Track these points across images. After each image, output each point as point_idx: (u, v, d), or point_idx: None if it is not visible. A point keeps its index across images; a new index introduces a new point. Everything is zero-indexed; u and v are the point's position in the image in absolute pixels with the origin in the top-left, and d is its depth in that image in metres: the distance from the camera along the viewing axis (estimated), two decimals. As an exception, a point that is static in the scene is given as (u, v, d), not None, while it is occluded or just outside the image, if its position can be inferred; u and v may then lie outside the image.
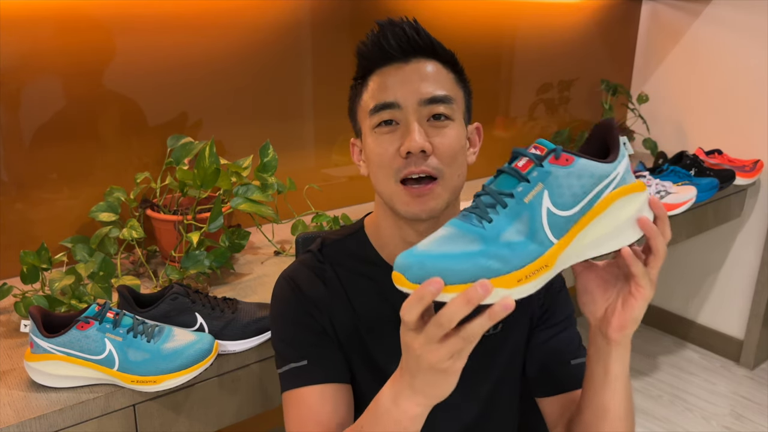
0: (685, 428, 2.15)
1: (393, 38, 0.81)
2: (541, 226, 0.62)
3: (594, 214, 0.64)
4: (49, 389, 0.95)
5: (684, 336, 2.69)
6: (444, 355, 0.59)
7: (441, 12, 1.96)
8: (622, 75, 2.68)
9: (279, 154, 1.47)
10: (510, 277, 0.59)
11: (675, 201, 1.88)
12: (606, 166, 0.64)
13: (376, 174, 0.84)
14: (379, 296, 0.89)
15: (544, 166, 0.63)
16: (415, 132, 0.78)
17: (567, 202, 0.62)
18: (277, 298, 0.92)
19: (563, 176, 0.62)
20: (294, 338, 0.89)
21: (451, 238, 0.62)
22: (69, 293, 1.13)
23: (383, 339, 0.89)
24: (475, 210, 0.64)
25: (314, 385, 0.86)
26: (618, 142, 0.67)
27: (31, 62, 1.30)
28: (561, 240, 0.62)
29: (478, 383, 0.91)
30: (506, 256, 0.60)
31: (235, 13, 1.55)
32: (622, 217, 0.65)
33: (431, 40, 0.83)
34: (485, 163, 2.28)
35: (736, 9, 2.33)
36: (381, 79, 0.83)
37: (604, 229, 0.65)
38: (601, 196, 0.64)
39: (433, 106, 0.81)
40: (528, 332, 0.93)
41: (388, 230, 0.88)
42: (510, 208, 0.62)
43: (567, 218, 0.62)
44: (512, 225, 0.62)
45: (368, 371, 0.91)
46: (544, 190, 0.62)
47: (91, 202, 1.39)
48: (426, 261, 0.59)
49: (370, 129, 0.83)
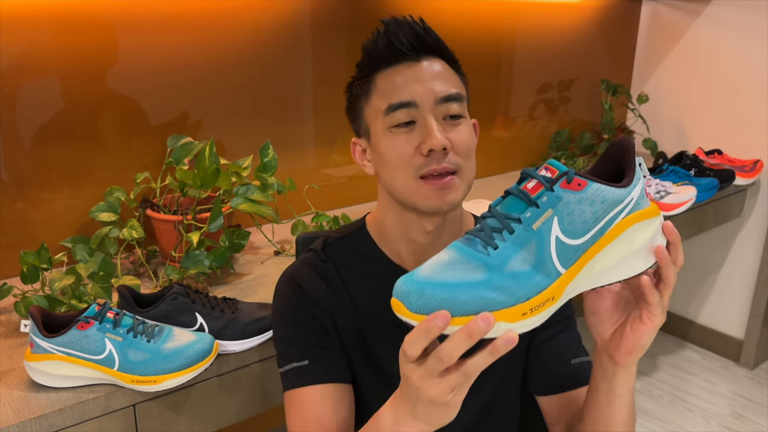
0: (685, 428, 2.15)
1: (404, 36, 0.81)
2: (549, 256, 0.58)
3: (605, 241, 0.60)
4: (49, 389, 0.95)
5: (684, 336, 2.69)
6: (444, 389, 0.59)
7: (441, 12, 1.96)
8: (622, 75, 2.68)
9: (279, 154, 1.47)
10: (514, 310, 0.57)
11: (675, 201, 1.88)
12: (620, 191, 0.60)
13: (393, 173, 0.82)
14: (381, 294, 0.89)
15: (554, 191, 0.59)
16: (435, 130, 0.79)
17: (577, 230, 0.59)
18: (279, 297, 0.92)
19: (574, 202, 0.59)
20: (295, 338, 0.89)
21: (453, 264, 0.59)
22: (69, 293, 1.13)
23: (385, 337, 0.89)
24: (480, 234, 0.61)
25: (315, 385, 0.86)
26: (634, 165, 0.63)
27: (31, 62, 1.30)
28: (569, 270, 0.59)
29: (479, 384, 0.91)
30: (510, 288, 0.57)
31: (235, 13, 1.55)
32: (635, 245, 0.62)
33: (438, 40, 0.83)
34: (485, 163, 2.29)
35: (736, 9, 2.33)
36: (392, 78, 0.82)
37: (615, 257, 0.61)
38: (614, 223, 0.60)
39: (448, 105, 0.81)
40: (529, 333, 0.93)
41: (392, 227, 0.88)
42: (517, 234, 0.59)
43: (576, 247, 0.59)
44: (518, 253, 0.58)
45: (370, 370, 0.91)
46: (554, 216, 0.59)
47: (91, 202, 1.39)
48: (426, 289, 0.57)
49: (384, 129, 0.82)
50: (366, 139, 0.87)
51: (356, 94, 0.87)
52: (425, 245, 0.87)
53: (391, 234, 0.89)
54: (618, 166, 0.65)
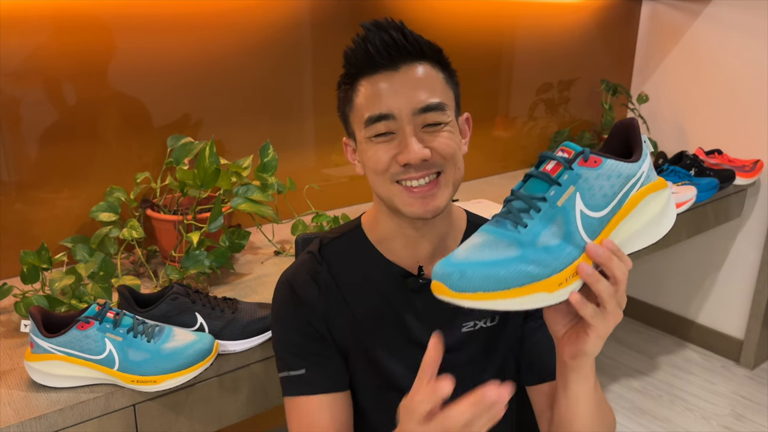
0: (685, 428, 2.15)
1: (380, 45, 0.79)
2: (576, 229, 0.62)
3: (624, 213, 0.65)
4: (49, 389, 0.95)
5: (684, 336, 2.69)
6: None
7: (440, 12, 1.96)
8: (622, 75, 2.68)
9: (279, 154, 1.47)
10: (551, 281, 0.60)
11: (675, 201, 1.88)
12: (632, 165, 0.65)
13: (374, 179, 0.85)
14: (377, 294, 0.90)
15: (574, 169, 0.63)
16: (412, 144, 0.79)
17: (599, 203, 0.63)
18: (276, 302, 0.93)
19: (593, 178, 0.63)
20: (292, 346, 0.90)
21: (487, 244, 0.62)
22: (69, 293, 1.13)
23: (382, 337, 0.90)
24: (508, 215, 0.64)
25: (311, 395, 0.88)
26: (641, 141, 0.68)
27: (32, 62, 1.30)
28: (595, 241, 0.64)
29: (476, 375, 0.92)
30: (545, 260, 0.60)
31: (235, 13, 1.55)
32: (651, 214, 0.67)
33: (418, 42, 0.81)
34: (485, 163, 2.29)
35: (736, 9, 2.33)
36: (372, 87, 0.81)
37: (633, 227, 0.66)
38: (629, 195, 0.65)
39: (427, 115, 0.80)
40: (522, 322, 0.94)
41: (386, 225, 0.89)
42: (544, 212, 0.63)
43: (600, 219, 0.63)
44: (547, 228, 0.62)
45: (368, 372, 0.91)
46: (576, 192, 0.63)
47: (91, 202, 1.39)
48: (467, 269, 0.59)
49: (365, 138, 0.83)
50: (354, 141, 0.88)
51: (342, 98, 0.87)
52: (417, 238, 0.88)
53: (385, 230, 0.90)
54: (624, 143, 0.70)
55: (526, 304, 0.61)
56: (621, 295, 0.65)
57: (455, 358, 0.89)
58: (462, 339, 0.90)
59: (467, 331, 0.90)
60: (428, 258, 0.89)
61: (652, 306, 2.77)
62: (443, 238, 0.90)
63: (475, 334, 0.90)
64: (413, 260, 0.89)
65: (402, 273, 0.89)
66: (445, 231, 0.90)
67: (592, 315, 0.64)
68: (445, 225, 0.90)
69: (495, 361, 0.93)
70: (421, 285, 0.88)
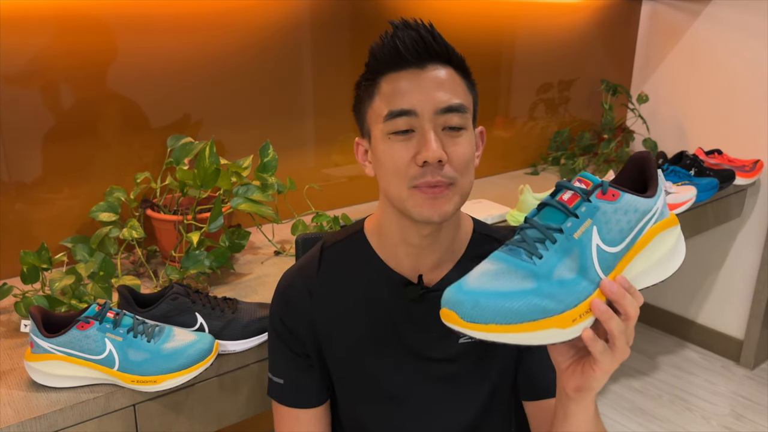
0: (685, 428, 2.15)
1: (410, 42, 0.79)
2: (592, 263, 0.61)
3: (638, 249, 0.64)
4: (49, 389, 0.95)
5: (684, 336, 2.69)
6: None
7: (441, 12, 1.96)
8: (622, 75, 2.68)
9: (279, 154, 1.47)
10: (565, 316, 0.59)
11: (675, 201, 1.88)
12: (648, 201, 0.64)
13: (388, 179, 0.82)
14: (374, 302, 0.89)
15: (592, 201, 0.62)
16: (432, 142, 0.77)
17: (615, 238, 0.62)
18: (272, 308, 0.96)
19: (611, 212, 0.62)
20: (277, 353, 0.95)
21: (501, 273, 0.61)
22: (69, 293, 1.13)
23: (378, 345, 0.90)
24: (522, 244, 0.63)
25: (288, 408, 0.94)
26: (656, 177, 0.67)
27: (32, 63, 1.30)
28: (609, 276, 0.63)
29: (474, 387, 0.91)
30: (560, 295, 0.59)
31: (235, 13, 1.55)
32: (661, 252, 0.66)
33: (446, 46, 0.81)
34: (485, 163, 2.29)
35: (736, 9, 2.33)
36: (395, 84, 0.80)
37: (646, 264, 0.65)
38: (644, 231, 0.64)
39: (448, 116, 0.79)
40: None
41: (390, 230, 0.88)
42: (560, 243, 0.62)
43: (615, 254, 0.62)
44: (562, 261, 0.61)
45: (364, 380, 0.92)
46: (593, 225, 0.62)
47: (91, 202, 1.39)
48: (480, 299, 0.58)
49: (382, 134, 0.81)
50: (368, 140, 0.86)
51: (361, 95, 0.86)
52: (422, 248, 0.86)
53: (390, 237, 0.88)
54: (638, 177, 0.69)
55: (538, 340, 0.59)
56: (630, 332, 0.65)
57: (452, 369, 0.89)
58: (459, 350, 0.89)
59: (464, 343, 0.89)
60: (430, 267, 0.88)
61: (652, 306, 2.77)
62: (446, 250, 0.89)
63: (472, 346, 0.90)
64: (414, 269, 0.88)
65: (402, 281, 0.88)
66: (449, 242, 0.88)
67: (601, 351, 0.63)
68: (450, 236, 0.88)
69: (492, 373, 0.92)
70: (421, 294, 0.87)
